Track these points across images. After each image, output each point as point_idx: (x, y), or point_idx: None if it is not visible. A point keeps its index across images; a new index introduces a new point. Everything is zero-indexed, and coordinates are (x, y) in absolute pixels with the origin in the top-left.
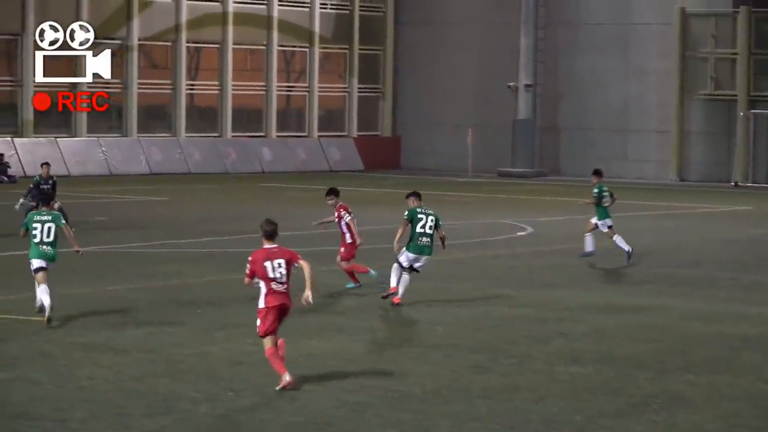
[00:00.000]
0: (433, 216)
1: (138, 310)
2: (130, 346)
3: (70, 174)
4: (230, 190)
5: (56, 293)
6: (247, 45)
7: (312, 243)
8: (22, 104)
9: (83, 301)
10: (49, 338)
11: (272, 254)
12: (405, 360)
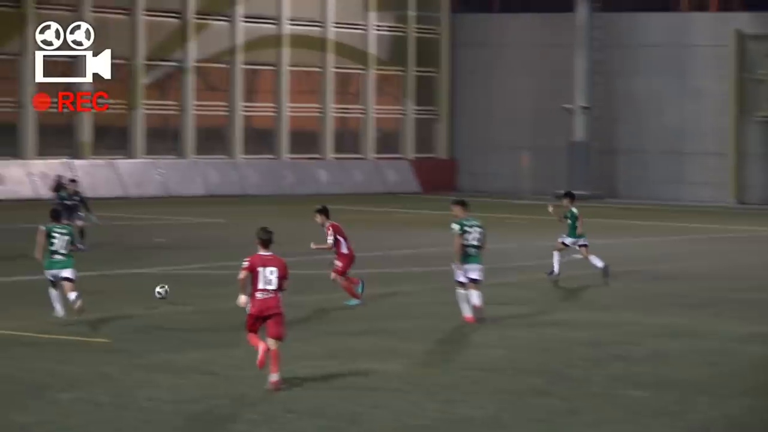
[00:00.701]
0: (479, 227)
1: (197, 331)
2: (189, 367)
3: (128, 195)
4: (286, 212)
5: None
6: (302, 67)
7: (369, 265)
8: (79, 126)
9: (143, 322)
10: (109, 359)
11: (266, 261)
12: (464, 383)
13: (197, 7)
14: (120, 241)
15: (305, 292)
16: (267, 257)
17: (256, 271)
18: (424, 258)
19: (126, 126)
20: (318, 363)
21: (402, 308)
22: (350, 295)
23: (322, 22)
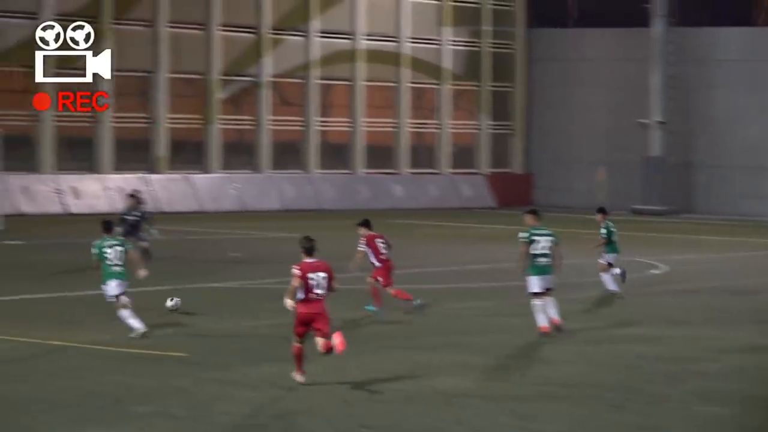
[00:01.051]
0: (549, 236)
1: (272, 345)
2: (264, 381)
3: (204, 210)
4: None
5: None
6: (377, 82)
7: (445, 280)
8: (155, 141)
9: (219, 336)
10: (185, 373)
11: (316, 267)
12: (541, 398)
13: (272, 22)
14: (195, 255)
15: (385, 306)
16: (314, 263)
17: (307, 277)
18: (500, 273)
19: (202, 141)
20: (394, 377)
21: (478, 323)
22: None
23: (396, 36)
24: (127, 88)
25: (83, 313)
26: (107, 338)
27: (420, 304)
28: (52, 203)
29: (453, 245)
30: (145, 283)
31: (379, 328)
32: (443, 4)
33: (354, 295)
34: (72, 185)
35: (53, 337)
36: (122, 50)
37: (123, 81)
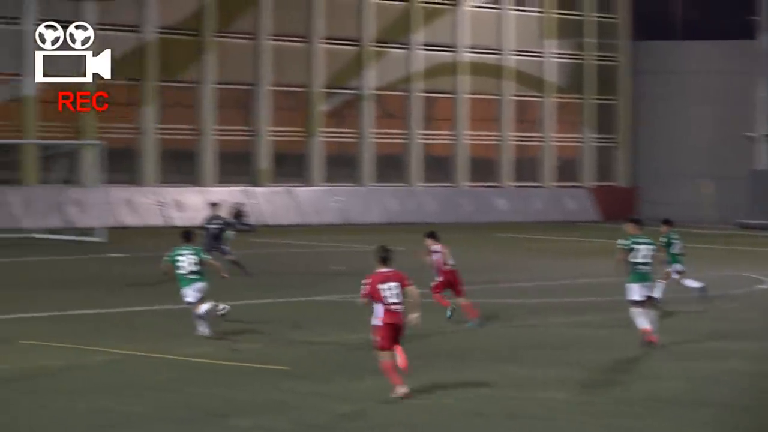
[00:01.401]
0: (650, 245)
1: (375, 359)
2: (366, 395)
3: (307, 223)
4: (465, 240)
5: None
6: (480, 94)
7: (549, 294)
8: (257, 153)
9: (321, 349)
10: (287, 386)
11: (387, 277)
12: (643, 415)
13: (374, 35)
14: (298, 268)
15: (488, 321)
16: (387, 274)
17: (378, 288)
18: (602, 288)
19: (304, 153)
20: (497, 392)
21: (581, 337)
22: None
23: (499, 49)
24: (229, 100)
25: (184, 326)
26: (209, 351)
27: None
28: (154, 216)
29: (556, 259)
30: (248, 295)
31: (485, 342)
32: (546, 16)
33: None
34: (174, 198)
35: (155, 349)
36: (224, 63)
37: (225, 94)
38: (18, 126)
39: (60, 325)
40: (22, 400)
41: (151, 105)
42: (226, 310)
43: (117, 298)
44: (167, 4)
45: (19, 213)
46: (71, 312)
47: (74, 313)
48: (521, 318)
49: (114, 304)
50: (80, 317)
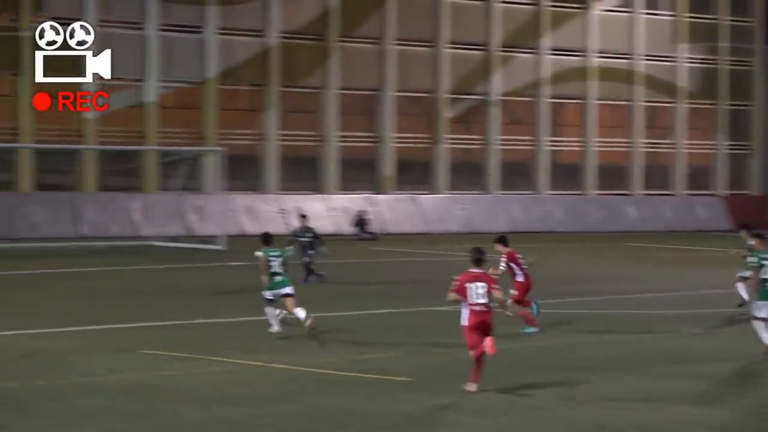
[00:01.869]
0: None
1: (501, 371)
2: (490, 407)
3: (431, 231)
4: (594, 249)
5: (410, 350)
6: (610, 100)
7: (680, 306)
8: (381, 160)
9: (444, 360)
10: (409, 398)
11: (476, 277)
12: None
13: (501, 39)
14: (421, 277)
15: (615, 332)
16: (477, 274)
17: (466, 287)
18: (733, 298)
19: (429, 160)
20: (629, 406)
21: (715, 350)
22: (527, 323)
23: (630, 53)
24: (353, 106)
25: (306, 336)
26: (331, 361)
27: (530, 331)
28: (275, 223)
29: (685, 269)
30: (369, 304)
31: (615, 353)
32: (679, 20)
33: (591, 319)
34: (296, 205)
35: (275, 360)
36: (348, 68)
37: (349, 99)
38: (140, 132)
39: (179, 334)
40: (142, 411)
41: (274, 110)
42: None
43: (236, 308)
44: (291, 8)
45: (139, 220)
46: (190, 321)
47: (194, 322)
48: (646, 328)
49: (233, 314)
50: (199, 326)
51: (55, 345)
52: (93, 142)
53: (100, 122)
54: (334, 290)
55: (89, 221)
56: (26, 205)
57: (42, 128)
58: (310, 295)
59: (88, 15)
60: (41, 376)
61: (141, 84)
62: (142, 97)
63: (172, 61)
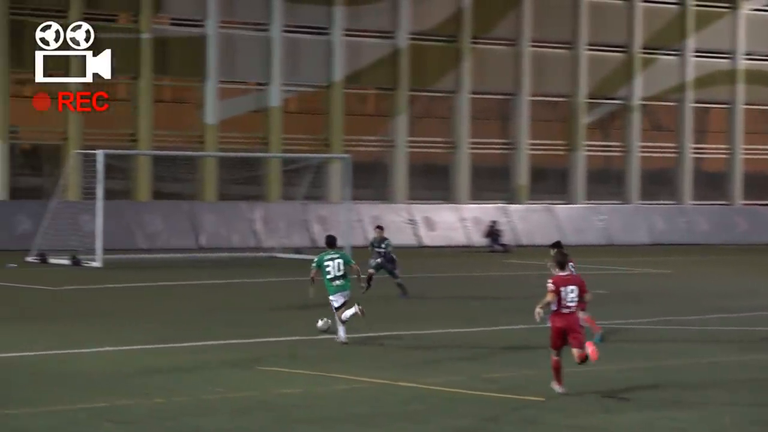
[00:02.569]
0: None
1: (643, 390)
2: (628, 429)
3: (567, 243)
4: (741, 262)
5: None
6: (759, 105)
7: None
8: (515, 169)
9: (580, 379)
10: (542, 418)
11: (568, 280)
12: None
13: (644, 41)
14: None
15: (750, 351)
16: (566, 277)
17: (559, 290)
18: None
19: (565, 168)
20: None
21: None
22: None
23: None
24: (486, 111)
25: (433, 352)
26: (460, 379)
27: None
28: (403, 234)
29: None
30: (502, 320)
31: (751, 376)
32: None
33: (739, 336)
34: (425, 215)
35: (402, 377)
36: (481, 71)
37: (482, 104)
38: (262, 138)
39: (300, 350)
40: (264, 431)
41: (403, 116)
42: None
43: (359, 322)
44: (422, 8)
45: (261, 230)
46: (312, 337)
47: (315, 338)
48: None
49: (355, 328)
50: (321, 342)
51: (171, 361)
52: (213, 148)
53: (220, 128)
54: (465, 305)
55: (209, 231)
56: (144, 214)
57: (160, 134)
58: (438, 311)
59: (211, 16)
60: (158, 394)
61: (264, 88)
62: (265, 101)
63: (296, 63)
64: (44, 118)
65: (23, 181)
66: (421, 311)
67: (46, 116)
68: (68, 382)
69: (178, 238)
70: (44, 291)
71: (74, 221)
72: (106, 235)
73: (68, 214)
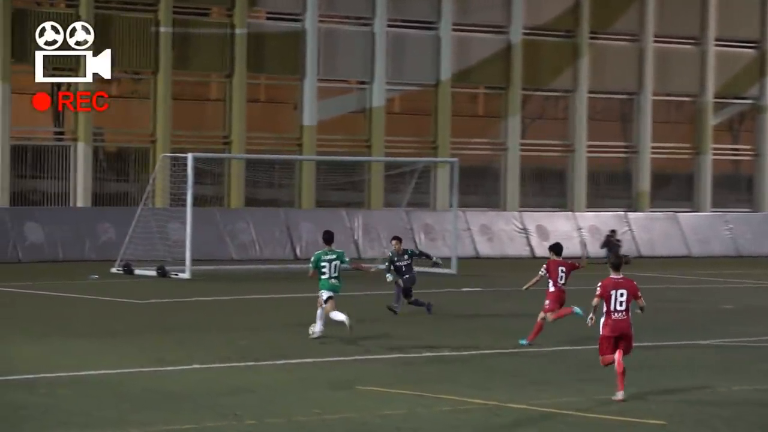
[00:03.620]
0: None
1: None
2: None
3: (691, 254)
4: None
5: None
6: None
7: None
8: (636, 174)
9: (703, 403)
10: None
11: (618, 284)
12: None
13: None
14: (677, 306)
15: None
16: (619, 280)
17: (609, 294)
18: None
19: (691, 173)
20: None
21: None
22: None
23: None
24: (605, 112)
25: (544, 372)
26: (574, 401)
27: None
28: (515, 244)
29: None
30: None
31: None
32: None
33: None
34: (538, 224)
35: (511, 398)
36: (601, 68)
37: (601, 104)
38: (364, 140)
39: (401, 368)
40: None
41: (515, 117)
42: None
43: (468, 338)
44: (536, 1)
45: (362, 240)
46: (414, 354)
47: (417, 355)
48: None
49: (465, 345)
50: (425, 360)
51: (264, 379)
52: (311, 151)
53: (318, 129)
54: (580, 321)
55: (306, 241)
56: (236, 222)
57: (254, 136)
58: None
59: (310, 9)
60: (250, 415)
61: (366, 86)
62: (368, 101)
63: (401, 60)
64: (130, 119)
65: (107, 186)
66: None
67: (132, 117)
68: (154, 402)
69: (273, 248)
70: (129, 304)
71: (162, 229)
72: (196, 245)
73: (155, 222)
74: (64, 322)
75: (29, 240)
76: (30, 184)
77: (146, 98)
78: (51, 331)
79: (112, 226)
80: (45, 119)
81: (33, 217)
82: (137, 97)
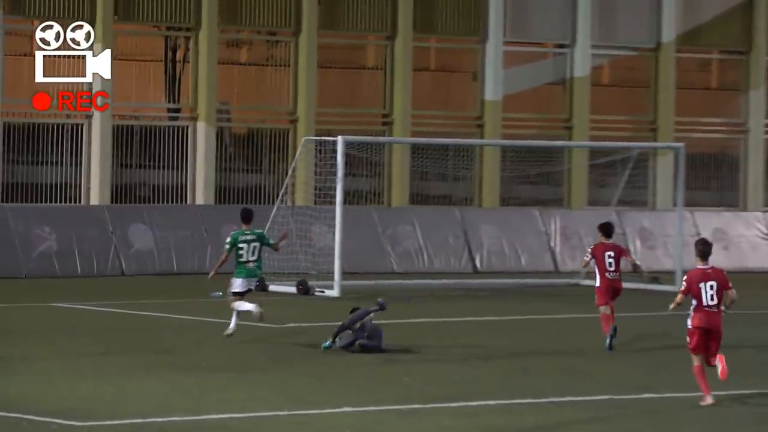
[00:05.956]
0: None
1: None
2: None
3: None
4: None
5: None
6: None
7: None
8: None
9: None
10: None
11: (706, 276)
12: None
13: None
14: None
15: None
16: (707, 271)
17: (698, 287)
18: None
19: None
20: None
21: None
22: None
23: None
24: None
25: None
26: None
27: None
28: (759, 254)
29: None
30: None
31: None
32: None
33: None
34: None
35: None
36: None
37: None
38: (563, 120)
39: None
40: None
41: (761, 90)
42: (232, 331)
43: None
44: None
45: (559, 246)
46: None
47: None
48: None
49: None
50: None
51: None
52: (495, 134)
53: (504, 106)
54: None
55: (488, 249)
56: (398, 224)
57: (422, 114)
58: None
59: None
60: None
61: (566, 51)
62: (568, 70)
63: (611, 19)
64: (264, 93)
65: (235, 178)
66: None
67: (266, 91)
68: None
69: (445, 258)
70: (262, 330)
71: (304, 234)
72: (346, 253)
73: (295, 224)
74: (177, 351)
75: (135, 247)
76: (137, 176)
77: (285, 66)
78: (161, 363)
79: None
80: (155, 93)
81: (140, 217)
82: (273, 65)
